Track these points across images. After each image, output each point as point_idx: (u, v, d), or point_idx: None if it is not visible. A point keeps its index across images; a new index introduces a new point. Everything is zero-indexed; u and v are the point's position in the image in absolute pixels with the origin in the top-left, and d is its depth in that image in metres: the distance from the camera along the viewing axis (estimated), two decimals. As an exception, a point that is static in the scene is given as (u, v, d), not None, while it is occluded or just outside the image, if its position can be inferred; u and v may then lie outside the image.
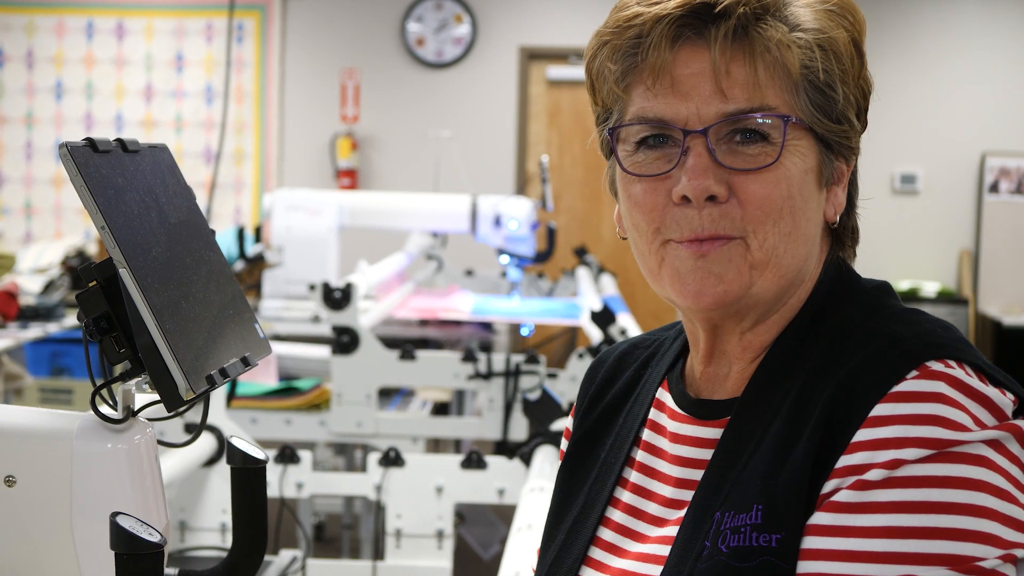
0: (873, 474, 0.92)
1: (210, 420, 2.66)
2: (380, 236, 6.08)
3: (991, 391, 0.96)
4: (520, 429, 3.38)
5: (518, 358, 3.44)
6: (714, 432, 1.07)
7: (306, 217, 4.96)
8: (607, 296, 4.72)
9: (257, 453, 1.12)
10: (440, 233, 5.48)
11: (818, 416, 0.97)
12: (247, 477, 1.11)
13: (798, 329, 1.07)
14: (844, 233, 1.11)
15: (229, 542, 1.18)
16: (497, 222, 4.83)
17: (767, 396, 1.04)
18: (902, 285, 7.73)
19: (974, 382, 0.96)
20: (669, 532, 1.06)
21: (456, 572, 2.95)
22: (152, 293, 1.00)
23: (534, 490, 2.32)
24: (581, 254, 5.85)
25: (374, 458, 2.89)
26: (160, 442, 1.09)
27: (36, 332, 4.72)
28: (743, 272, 1.04)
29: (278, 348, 3.94)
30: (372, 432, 3.49)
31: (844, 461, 0.94)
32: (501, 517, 4.12)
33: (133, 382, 1.03)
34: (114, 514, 0.90)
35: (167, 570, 0.97)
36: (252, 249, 4.86)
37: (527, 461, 2.78)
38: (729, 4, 1.02)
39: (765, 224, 1.03)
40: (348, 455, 4.52)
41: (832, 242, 1.11)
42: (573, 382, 3.36)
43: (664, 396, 1.15)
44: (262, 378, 3.66)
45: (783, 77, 1.03)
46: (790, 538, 0.95)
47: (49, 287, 5.11)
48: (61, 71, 8.11)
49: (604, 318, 3.61)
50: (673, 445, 1.11)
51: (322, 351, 3.88)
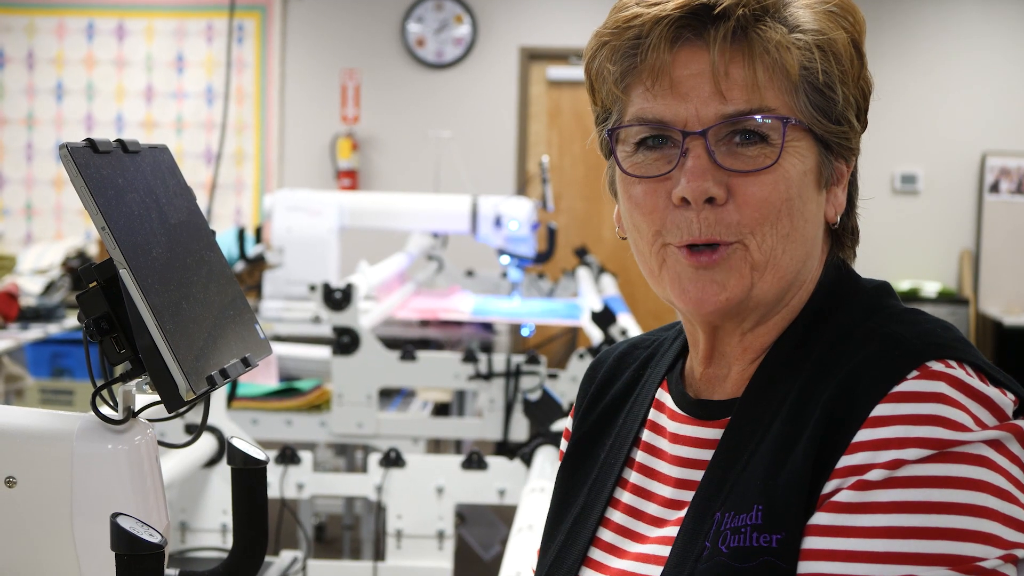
0: (874, 474, 0.92)
1: (211, 421, 2.66)
2: (381, 237, 6.08)
3: (992, 391, 0.96)
4: (521, 430, 3.38)
5: (519, 359, 3.44)
6: (714, 432, 1.07)
7: (307, 218, 4.96)
8: (607, 296, 4.72)
9: (258, 454, 1.12)
10: (441, 234, 5.48)
11: (818, 416, 0.97)
12: (248, 478, 1.11)
13: (798, 330, 1.07)
14: (844, 234, 1.11)
15: (230, 543, 1.19)
16: (498, 222, 4.83)
17: (767, 396, 1.04)
18: (903, 285, 7.73)
19: (975, 382, 0.96)
20: (669, 532, 1.06)
21: (457, 573, 2.95)
22: (152, 294, 1.00)
23: (535, 490, 2.31)
24: (581, 254, 5.85)
25: (375, 459, 2.89)
26: (161, 443, 1.09)
27: (37, 333, 4.72)
28: (744, 275, 1.04)
29: (279, 349, 3.94)
30: (373, 433, 3.49)
31: (845, 461, 0.94)
32: (502, 518, 4.12)
33: (134, 383, 1.03)
34: (115, 515, 0.90)
35: (168, 571, 0.97)
36: (252, 250, 4.86)
37: (528, 461, 2.78)
38: (728, 5, 1.01)
39: (763, 226, 1.03)
40: (349, 456, 4.52)
41: (832, 242, 1.11)
42: (574, 382, 3.36)
43: (664, 396, 1.15)
44: (263, 379, 3.66)
45: (782, 78, 1.03)
46: (790, 538, 0.95)
47: (50, 288, 5.11)
48: (62, 72, 8.12)
49: (605, 318, 3.61)
50: (673, 445, 1.11)
51: (323, 352, 3.87)
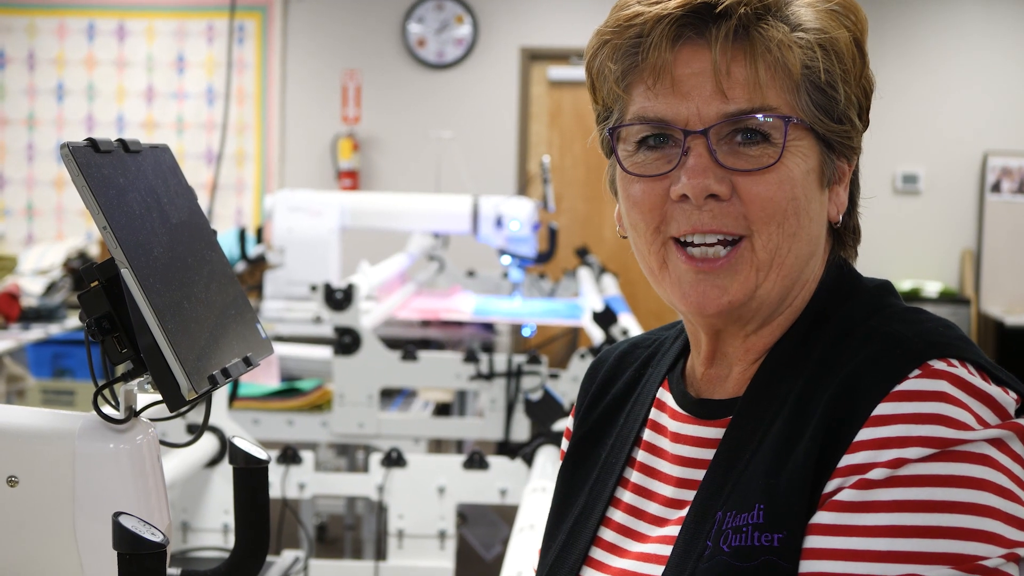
0: (876, 473, 0.92)
1: (212, 421, 2.65)
2: (381, 237, 6.08)
3: (994, 389, 0.96)
4: (522, 429, 3.38)
5: (520, 358, 3.43)
6: (715, 432, 1.07)
7: (307, 218, 4.96)
8: (608, 296, 4.72)
9: (259, 453, 1.12)
10: (441, 234, 5.47)
11: (820, 415, 0.97)
12: (249, 477, 1.11)
13: (800, 329, 1.07)
14: (846, 233, 1.11)
15: (231, 543, 1.19)
16: (498, 223, 4.83)
17: (769, 396, 1.04)
18: (904, 285, 7.73)
19: (976, 381, 0.95)
20: (670, 532, 1.06)
21: (458, 572, 2.95)
22: (154, 293, 1.00)
23: (536, 490, 2.31)
24: (582, 254, 5.85)
25: (376, 459, 2.89)
26: (162, 442, 1.09)
27: (38, 333, 4.72)
28: (748, 278, 1.04)
29: (280, 349, 3.93)
30: (374, 433, 3.48)
31: (847, 460, 0.94)
32: (503, 517, 4.12)
33: (135, 382, 1.03)
34: (117, 514, 0.90)
35: (169, 570, 0.97)
36: (254, 250, 4.85)
37: (529, 461, 2.78)
38: (730, 4, 1.01)
39: (769, 225, 1.03)
40: (350, 456, 4.52)
41: (834, 242, 1.11)
42: (575, 382, 3.36)
43: (665, 396, 1.15)
44: (264, 379, 3.66)
45: (784, 77, 1.02)
46: (792, 537, 0.94)
47: (51, 289, 5.11)
48: (62, 73, 8.12)
49: (606, 318, 3.61)
50: (674, 445, 1.10)
51: (324, 352, 3.87)
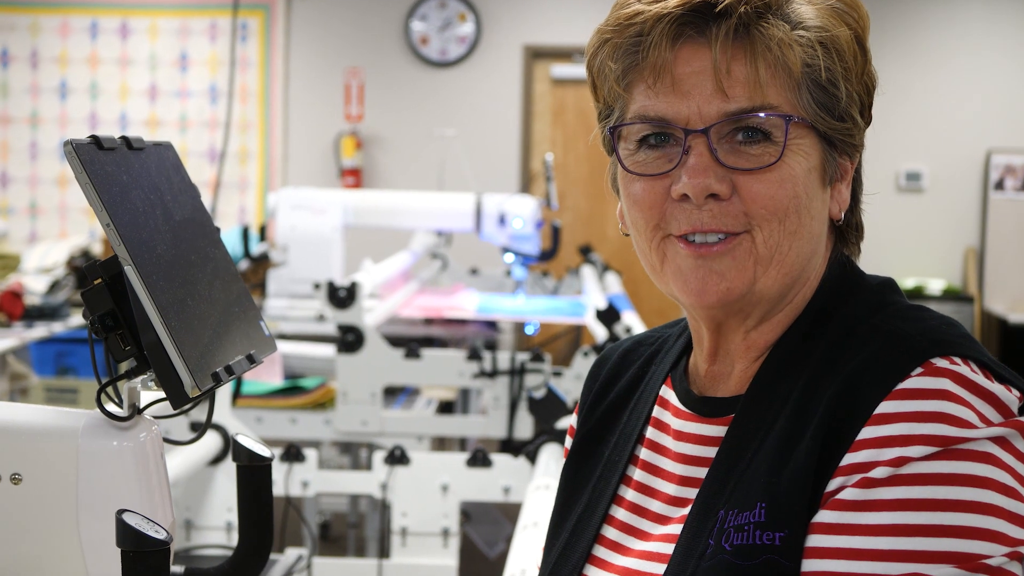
0: (878, 472, 0.92)
1: (215, 419, 2.66)
2: (385, 235, 6.08)
3: (996, 388, 0.96)
4: (525, 427, 3.38)
5: (523, 356, 3.43)
6: (718, 430, 1.07)
7: (311, 216, 4.96)
8: (612, 294, 4.72)
9: (263, 451, 1.12)
10: (445, 232, 5.47)
11: (822, 414, 0.97)
12: (253, 475, 1.11)
13: (802, 327, 1.06)
14: (848, 230, 1.11)
15: (235, 540, 1.19)
16: (502, 220, 4.82)
17: (771, 394, 1.04)
18: (907, 283, 7.72)
19: (979, 379, 0.95)
20: (673, 530, 1.06)
21: (462, 570, 2.95)
22: (158, 291, 1.00)
23: (540, 488, 2.31)
24: (586, 252, 5.84)
25: (379, 456, 2.89)
26: (166, 440, 1.09)
27: (41, 332, 4.72)
28: (747, 268, 1.04)
29: (283, 347, 3.93)
30: (377, 431, 3.48)
31: (849, 459, 0.94)
32: (507, 515, 4.12)
33: (139, 380, 1.03)
34: (120, 511, 0.90)
35: (173, 568, 0.97)
36: (257, 248, 4.85)
37: (532, 459, 2.78)
38: (730, 3, 1.01)
39: (771, 222, 1.02)
40: (353, 453, 4.52)
41: (836, 239, 1.10)
42: (578, 380, 3.35)
43: (668, 393, 1.15)
44: (267, 377, 3.66)
45: (785, 76, 1.02)
46: (793, 536, 0.94)
47: (54, 287, 5.11)
48: (65, 71, 8.12)
49: (609, 316, 3.61)
50: (677, 443, 1.10)
51: (327, 350, 3.87)
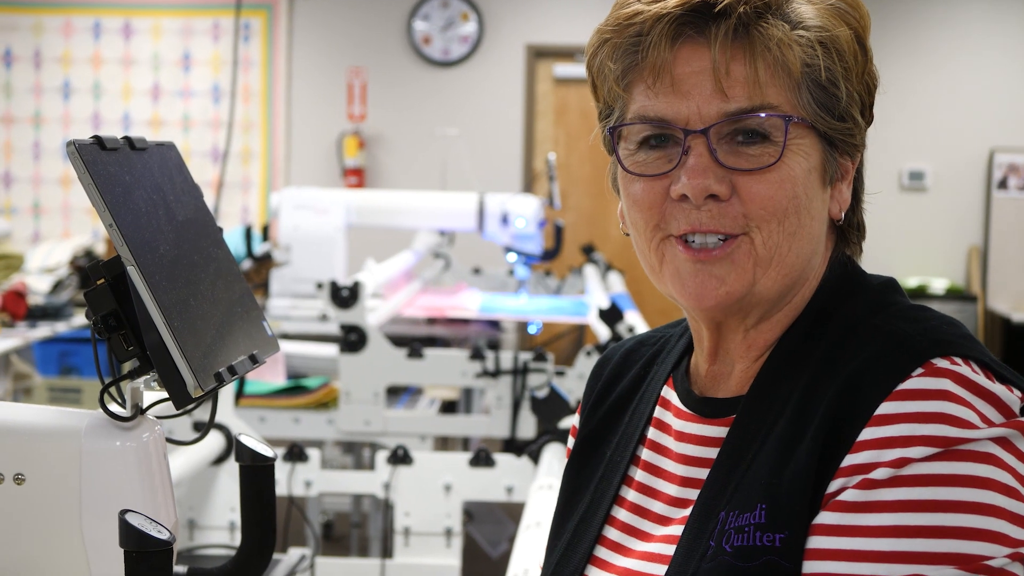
0: (879, 473, 0.92)
1: (218, 418, 2.66)
2: (387, 234, 6.08)
3: (998, 388, 0.95)
4: (528, 427, 3.38)
5: (526, 356, 3.44)
6: (719, 431, 1.07)
7: (313, 216, 4.96)
8: (615, 294, 4.72)
9: (265, 451, 1.12)
10: (447, 231, 5.47)
11: (823, 415, 0.97)
12: (256, 475, 1.11)
13: (803, 327, 1.06)
14: (850, 229, 1.10)
15: (238, 540, 1.19)
16: (504, 220, 4.83)
17: (772, 394, 1.03)
18: (911, 282, 7.72)
19: (980, 379, 0.95)
20: (674, 531, 1.06)
21: (465, 570, 2.95)
22: (160, 291, 1.00)
23: (542, 488, 2.31)
24: (588, 252, 5.85)
25: (382, 456, 2.89)
26: (169, 440, 1.09)
27: (45, 331, 4.73)
28: (747, 271, 1.03)
29: (286, 347, 3.93)
30: (380, 430, 3.49)
31: (850, 460, 0.94)
32: (510, 515, 4.12)
33: (141, 380, 1.03)
34: (123, 512, 0.90)
35: (176, 568, 0.97)
36: (260, 248, 4.86)
37: (535, 459, 2.78)
38: (729, 3, 1.01)
39: (770, 223, 1.02)
40: (356, 453, 4.52)
41: (837, 238, 1.10)
42: (581, 380, 3.35)
43: (669, 394, 1.15)
44: (270, 377, 3.66)
45: (784, 76, 1.02)
46: (794, 538, 0.94)
47: (57, 287, 5.12)
48: (68, 71, 8.13)
49: (612, 316, 3.61)
50: (678, 444, 1.10)
51: (330, 349, 3.88)
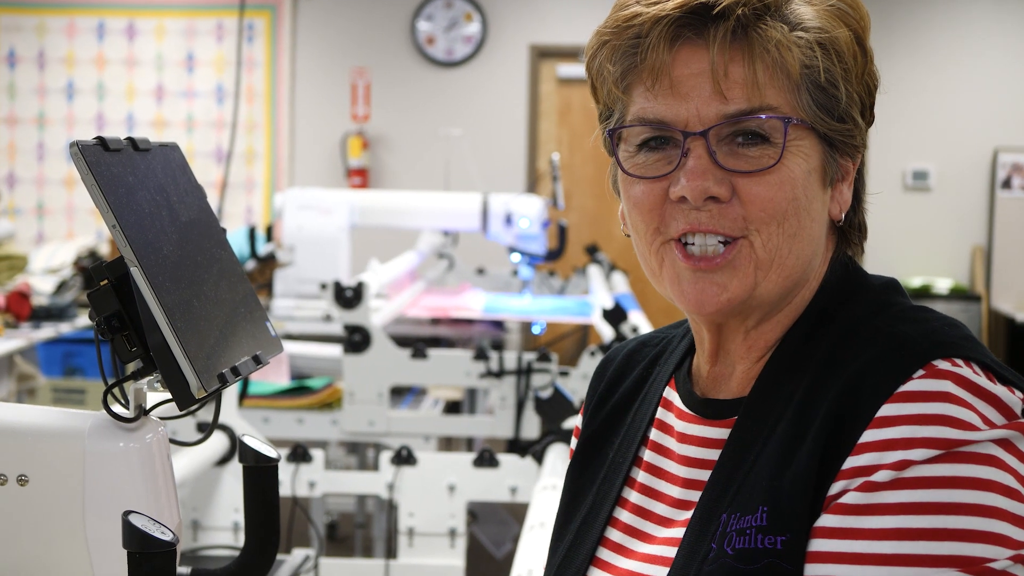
0: (881, 475, 0.92)
1: (222, 419, 2.66)
2: (391, 235, 6.09)
3: (999, 389, 0.95)
4: (532, 427, 3.38)
5: (530, 356, 3.44)
6: (721, 432, 1.07)
7: (317, 216, 4.97)
8: (618, 294, 4.72)
9: (269, 452, 1.12)
10: (451, 231, 5.48)
11: (824, 416, 0.97)
12: (259, 476, 1.12)
13: (803, 328, 1.06)
14: (851, 230, 1.10)
15: (241, 541, 1.19)
16: (508, 220, 4.83)
17: (773, 396, 1.03)
18: (914, 282, 7.71)
19: (982, 380, 0.95)
20: (676, 533, 1.05)
21: (469, 570, 2.95)
22: (164, 292, 1.00)
23: (546, 488, 2.31)
24: (592, 252, 5.85)
25: (386, 457, 2.89)
26: (172, 441, 1.09)
27: (48, 332, 4.73)
28: (748, 275, 1.03)
29: (290, 347, 3.94)
30: (384, 431, 3.49)
31: (851, 462, 0.94)
32: (514, 515, 4.12)
33: (145, 381, 1.03)
34: (126, 513, 0.90)
35: (179, 569, 0.97)
36: (263, 248, 4.86)
37: (539, 459, 2.78)
38: (728, 4, 1.01)
39: (769, 225, 1.02)
40: (360, 454, 4.52)
41: (839, 239, 1.10)
42: (585, 380, 3.35)
43: (671, 395, 1.15)
44: (274, 377, 3.66)
45: (783, 77, 1.02)
46: (795, 540, 0.94)
47: (61, 287, 5.12)
48: (72, 72, 8.13)
49: (616, 316, 3.61)
50: (680, 445, 1.10)
51: (334, 350, 3.88)
